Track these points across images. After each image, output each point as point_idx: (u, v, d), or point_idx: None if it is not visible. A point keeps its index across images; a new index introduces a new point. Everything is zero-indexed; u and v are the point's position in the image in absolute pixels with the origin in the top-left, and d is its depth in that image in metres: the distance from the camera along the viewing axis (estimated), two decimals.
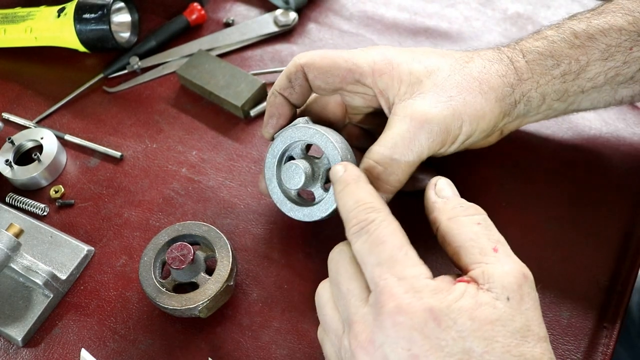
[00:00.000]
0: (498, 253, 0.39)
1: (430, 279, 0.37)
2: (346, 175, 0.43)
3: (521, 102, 0.48)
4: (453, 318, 0.35)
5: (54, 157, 0.62)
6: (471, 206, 0.42)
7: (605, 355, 0.47)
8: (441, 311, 0.35)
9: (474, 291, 0.37)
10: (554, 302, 0.49)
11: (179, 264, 0.50)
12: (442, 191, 0.44)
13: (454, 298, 0.36)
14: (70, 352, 0.52)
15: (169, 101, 0.68)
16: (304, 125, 0.49)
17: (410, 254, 0.38)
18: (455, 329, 0.35)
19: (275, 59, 0.70)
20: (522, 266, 0.38)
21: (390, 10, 0.73)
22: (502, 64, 0.48)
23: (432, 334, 0.35)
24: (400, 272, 0.37)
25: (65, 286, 0.55)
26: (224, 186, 0.60)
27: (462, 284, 0.37)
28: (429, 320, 0.35)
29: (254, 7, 0.75)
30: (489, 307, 0.36)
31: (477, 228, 0.40)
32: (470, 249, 0.39)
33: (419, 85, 0.47)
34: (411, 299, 0.36)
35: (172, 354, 0.51)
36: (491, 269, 0.38)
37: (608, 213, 0.53)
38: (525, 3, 0.71)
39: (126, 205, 0.60)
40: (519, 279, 0.37)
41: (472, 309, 0.36)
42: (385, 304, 0.36)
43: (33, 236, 0.57)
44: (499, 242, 0.40)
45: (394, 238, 0.39)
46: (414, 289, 0.36)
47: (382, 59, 0.49)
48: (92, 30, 0.68)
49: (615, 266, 0.51)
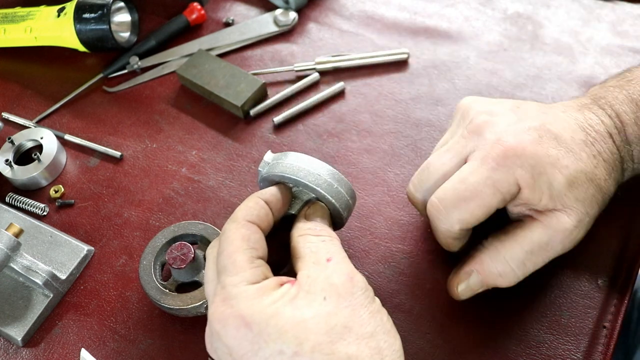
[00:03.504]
0: (330, 263, 0.40)
1: (252, 284, 0.39)
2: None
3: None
4: (264, 322, 0.37)
5: (53, 157, 0.62)
6: (324, 230, 0.44)
7: (605, 355, 0.47)
8: (252, 317, 0.37)
9: (294, 292, 0.39)
10: (554, 302, 0.49)
11: (180, 264, 0.50)
12: (310, 216, 0.45)
13: (271, 301, 0.38)
14: (70, 352, 0.52)
15: (169, 101, 0.68)
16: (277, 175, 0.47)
17: (238, 260, 0.40)
18: (267, 332, 0.37)
19: (275, 58, 0.70)
20: (352, 272, 0.40)
21: (391, 9, 0.73)
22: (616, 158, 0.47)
23: (245, 339, 0.37)
24: (223, 280, 0.40)
25: (65, 286, 0.55)
26: (224, 186, 0.60)
27: (286, 285, 0.39)
28: (241, 327, 0.38)
29: (254, 6, 0.75)
30: (304, 307, 0.38)
31: (320, 244, 0.42)
32: (307, 259, 0.41)
33: (560, 200, 0.45)
34: (224, 307, 0.39)
35: (172, 354, 0.51)
36: (315, 273, 0.40)
37: (608, 213, 0.53)
38: (525, 3, 0.71)
39: (126, 205, 0.60)
40: (342, 282, 0.39)
41: (286, 311, 0.38)
42: (210, 313, 0.40)
43: (33, 236, 0.57)
44: (336, 255, 0.41)
45: (229, 246, 0.41)
46: (229, 296, 0.39)
47: (527, 171, 0.44)
48: (92, 30, 0.68)
49: (615, 266, 0.51)
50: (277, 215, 0.45)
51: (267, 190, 0.46)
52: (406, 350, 0.48)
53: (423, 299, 0.51)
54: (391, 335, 0.39)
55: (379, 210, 0.56)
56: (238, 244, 0.41)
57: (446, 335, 0.49)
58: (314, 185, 0.45)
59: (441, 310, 0.50)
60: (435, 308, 0.50)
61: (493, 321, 0.49)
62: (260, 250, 0.42)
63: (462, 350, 0.48)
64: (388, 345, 0.38)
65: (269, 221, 0.44)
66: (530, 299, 0.50)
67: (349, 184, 0.47)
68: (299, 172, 0.45)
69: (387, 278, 0.52)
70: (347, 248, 0.52)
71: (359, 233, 0.55)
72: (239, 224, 0.42)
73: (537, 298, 0.50)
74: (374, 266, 0.53)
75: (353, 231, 0.55)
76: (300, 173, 0.45)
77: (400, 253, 0.54)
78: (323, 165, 0.46)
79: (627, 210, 0.53)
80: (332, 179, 0.46)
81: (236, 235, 0.42)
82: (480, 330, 0.49)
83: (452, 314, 0.50)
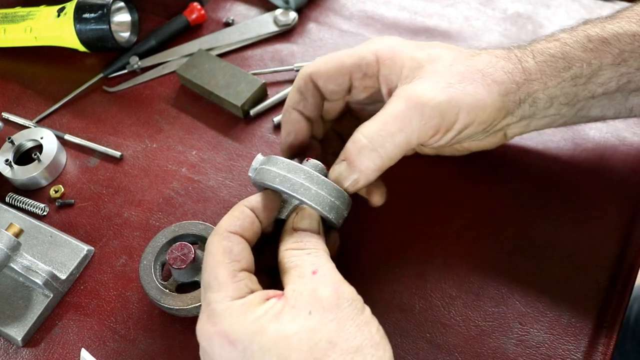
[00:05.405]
0: (316, 275, 0.40)
1: (236, 300, 0.39)
2: None
3: (526, 102, 0.48)
4: (248, 340, 0.37)
5: (53, 156, 0.62)
6: (309, 242, 0.43)
7: (605, 355, 0.47)
8: (236, 334, 0.37)
9: (280, 307, 0.38)
10: (554, 302, 0.49)
11: (180, 264, 0.50)
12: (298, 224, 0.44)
13: (255, 317, 0.38)
14: (70, 352, 0.52)
15: (169, 101, 0.68)
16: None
17: (219, 275, 0.40)
18: (251, 350, 0.37)
19: (275, 58, 0.70)
20: (338, 283, 0.39)
21: (391, 9, 0.73)
22: (509, 62, 0.48)
23: (230, 357, 0.37)
24: (208, 297, 0.40)
25: (65, 286, 0.55)
26: (224, 186, 0.60)
27: (272, 300, 0.39)
28: (225, 345, 0.37)
29: (254, 6, 0.75)
30: (289, 323, 0.37)
31: (304, 257, 0.42)
32: (292, 272, 0.41)
33: (420, 70, 0.47)
34: (208, 324, 0.39)
35: (172, 354, 0.51)
36: (301, 287, 0.39)
37: (608, 213, 0.53)
38: (525, 3, 0.71)
39: (126, 205, 0.60)
40: (328, 295, 0.38)
41: (269, 327, 0.37)
42: (197, 330, 0.40)
43: (33, 236, 0.57)
44: (322, 267, 0.40)
45: (211, 260, 0.41)
46: (213, 314, 0.39)
47: (386, 47, 0.49)
48: (92, 30, 0.68)
49: (615, 266, 0.51)
50: (265, 222, 0.45)
51: (253, 197, 0.45)
52: (406, 350, 0.48)
53: (423, 299, 0.51)
54: (380, 348, 0.38)
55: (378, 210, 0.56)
56: (219, 258, 0.41)
57: (446, 335, 0.49)
58: (290, 192, 0.44)
59: (441, 310, 0.50)
60: (435, 308, 0.50)
61: (493, 321, 0.49)
62: (243, 262, 0.41)
63: (461, 350, 0.48)
64: (376, 359, 0.37)
65: (255, 230, 0.43)
66: (531, 299, 0.50)
67: (332, 185, 0.45)
68: (275, 179, 0.45)
69: (387, 278, 0.52)
70: (348, 251, 0.52)
71: (358, 233, 0.55)
72: (221, 236, 0.42)
73: (537, 298, 0.50)
74: (374, 266, 0.53)
75: (353, 231, 0.55)
76: (277, 179, 0.44)
77: (400, 253, 0.54)
78: (301, 168, 0.45)
79: (628, 210, 0.53)
80: (309, 182, 0.44)
81: (218, 249, 0.41)
82: (480, 330, 0.49)
83: (452, 313, 0.50)
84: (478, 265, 0.52)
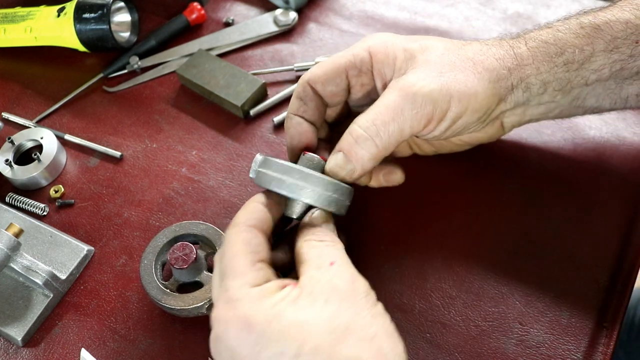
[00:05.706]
0: (333, 266, 0.41)
1: (254, 287, 0.39)
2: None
3: (519, 88, 0.48)
4: (266, 323, 0.37)
5: (53, 156, 0.62)
6: (327, 235, 0.44)
7: (605, 355, 0.47)
8: (254, 318, 0.38)
9: (296, 294, 0.39)
10: (554, 302, 0.49)
11: (182, 264, 0.50)
12: (314, 220, 0.46)
13: (272, 303, 0.38)
14: (70, 352, 0.52)
15: (169, 101, 0.68)
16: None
17: (239, 264, 0.41)
18: (268, 334, 0.37)
19: (275, 58, 0.70)
20: (355, 276, 0.40)
21: (391, 9, 0.73)
22: (500, 48, 0.48)
23: (246, 341, 0.37)
24: (226, 284, 0.40)
25: (65, 286, 0.55)
26: (223, 186, 0.60)
27: (288, 288, 0.39)
28: (243, 328, 0.38)
29: (254, 6, 0.75)
30: (306, 309, 0.38)
31: (324, 249, 0.43)
32: (310, 263, 0.42)
33: (413, 61, 0.48)
34: (226, 309, 0.39)
35: (172, 354, 0.51)
36: (318, 276, 0.40)
37: (608, 213, 0.53)
38: (525, 3, 0.71)
39: (126, 205, 0.60)
40: (345, 285, 0.39)
41: (287, 312, 0.37)
42: (213, 316, 0.40)
43: (33, 236, 0.57)
44: (340, 259, 0.41)
45: (231, 250, 0.42)
46: (232, 299, 0.39)
47: (378, 42, 0.50)
48: (92, 30, 0.68)
49: (615, 266, 0.51)
50: (275, 217, 0.46)
51: (262, 194, 0.46)
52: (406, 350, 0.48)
53: (423, 299, 0.51)
54: (394, 339, 0.39)
55: (378, 210, 0.56)
56: (239, 247, 0.42)
57: (446, 335, 0.49)
58: (287, 193, 0.45)
59: (441, 310, 0.50)
60: (435, 308, 0.50)
61: (493, 321, 0.49)
62: (261, 254, 0.42)
63: (461, 350, 0.48)
64: (391, 348, 0.38)
65: (269, 224, 0.45)
66: (531, 299, 0.50)
67: (326, 180, 0.46)
68: (271, 183, 0.46)
69: (387, 278, 0.52)
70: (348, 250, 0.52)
71: (358, 233, 0.55)
72: (240, 229, 0.43)
73: (537, 298, 0.50)
74: (374, 266, 0.53)
75: (353, 231, 0.55)
76: (273, 183, 0.46)
77: (400, 253, 0.54)
78: (294, 168, 0.46)
79: (628, 210, 0.53)
80: (304, 181, 0.45)
81: (237, 240, 0.42)
82: (480, 330, 0.49)
83: (452, 313, 0.50)
84: (478, 265, 0.52)
